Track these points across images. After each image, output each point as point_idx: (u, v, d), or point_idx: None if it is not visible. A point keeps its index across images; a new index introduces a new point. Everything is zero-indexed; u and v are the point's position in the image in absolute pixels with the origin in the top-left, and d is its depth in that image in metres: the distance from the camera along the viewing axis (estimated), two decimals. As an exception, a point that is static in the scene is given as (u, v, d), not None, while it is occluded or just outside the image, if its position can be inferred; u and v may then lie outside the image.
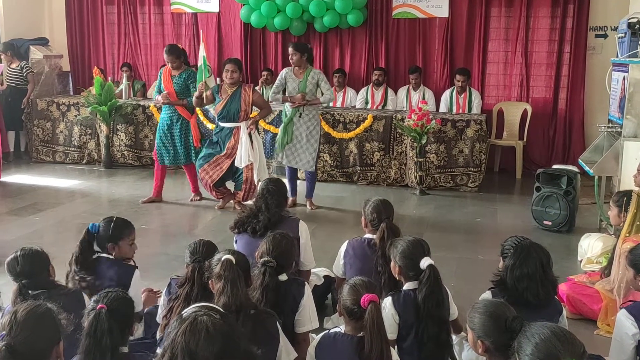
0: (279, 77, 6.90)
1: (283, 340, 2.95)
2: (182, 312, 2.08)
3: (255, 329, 2.76)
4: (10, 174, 8.39)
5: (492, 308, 2.53)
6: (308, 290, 3.35)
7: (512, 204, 7.50)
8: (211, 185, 6.69)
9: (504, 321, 2.41)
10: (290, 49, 6.78)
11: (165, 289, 3.39)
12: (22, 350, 2.09)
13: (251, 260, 3.17)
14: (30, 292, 2.97)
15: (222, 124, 6.63)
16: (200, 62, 8.35)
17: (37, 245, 3.22)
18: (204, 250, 3.23)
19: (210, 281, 2.90)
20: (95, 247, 3.57)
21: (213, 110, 6.89)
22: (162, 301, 3.39)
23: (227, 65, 6.57)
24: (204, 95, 6.62)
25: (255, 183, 6.59)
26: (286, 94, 6.81)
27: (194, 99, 6.75)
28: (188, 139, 7.02)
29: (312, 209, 6.90)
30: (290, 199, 6.72)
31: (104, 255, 3.55)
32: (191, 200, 7.26)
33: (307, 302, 3.29)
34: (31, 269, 3.02)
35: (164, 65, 7.46)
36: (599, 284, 4.30)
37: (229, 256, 2.85)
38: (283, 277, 3.26)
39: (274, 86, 6.92)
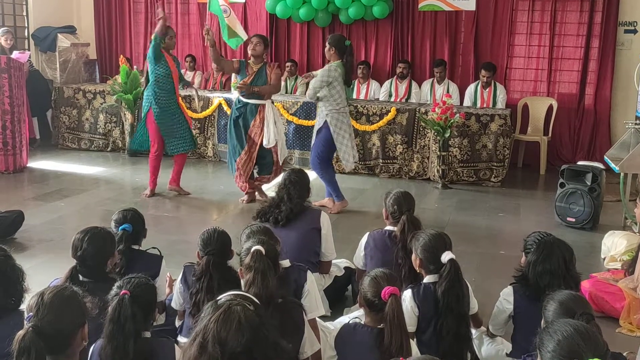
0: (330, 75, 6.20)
1: (307, 331, 2.91)
2: (218, 299, 2.09)
3: (284, 319, 2.75)
4: (36, 160, 8.51)
5: (564, 298, 2.56)
6: (311, 275, 3.30)
7: (536, 199, 7.43)
8: (246, 178, 6.62)
9: (572, 315, 2.40)
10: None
11: (180, 277, 3.36)
12: (48, 331, 2.13)
13: None
14: (80, 277, 2.98)
15: (245, 100, 6.56)
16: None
17: (108, 228, 3.24)
18: (218, 241, 3.14)
19: (239, 270, 2.88)
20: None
21: (238, 80, 6.67)
22: (176, 289, 3.37)
23: (252, 38, 6.57)
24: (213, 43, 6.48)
25: (280, 162, 6.66)
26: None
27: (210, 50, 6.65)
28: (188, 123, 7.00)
29: (331, 212, 6.27)
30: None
31: (134, 247, 3.58)
32: (155, 191, 6.94)
33: (311, 287, 3.25)
34: (92, 258, 3.02)
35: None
36: (622, 282, 4.27)
37: (259, 247, 2.80)
38: (286, 263, 3.23)
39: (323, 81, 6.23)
